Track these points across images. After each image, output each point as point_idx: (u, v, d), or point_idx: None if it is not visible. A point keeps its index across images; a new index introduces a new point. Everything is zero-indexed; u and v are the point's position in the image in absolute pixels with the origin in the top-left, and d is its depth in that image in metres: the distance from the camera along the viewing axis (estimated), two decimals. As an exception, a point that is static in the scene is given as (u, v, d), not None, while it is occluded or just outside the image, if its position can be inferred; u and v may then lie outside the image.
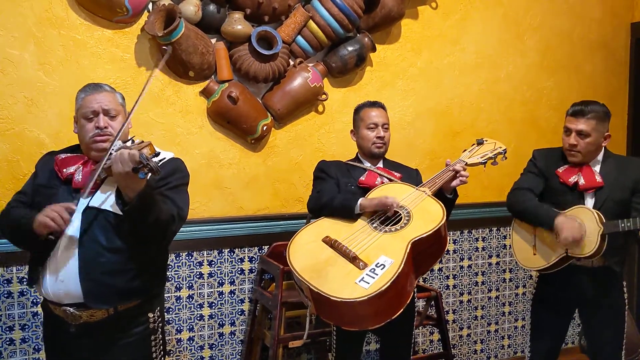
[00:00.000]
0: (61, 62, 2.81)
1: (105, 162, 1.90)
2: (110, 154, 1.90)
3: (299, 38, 3.18)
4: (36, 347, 2.85)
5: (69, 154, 2.10)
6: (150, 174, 1.79)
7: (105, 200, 1.99)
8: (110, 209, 1.98)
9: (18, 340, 2.83)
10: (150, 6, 2.90)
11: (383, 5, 3.32)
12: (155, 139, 2.95)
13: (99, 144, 2.02)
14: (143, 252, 2.03)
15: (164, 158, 2.01)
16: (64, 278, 1.96)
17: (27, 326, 2.82)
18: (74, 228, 1.97)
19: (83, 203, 1.99)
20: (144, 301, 2.09)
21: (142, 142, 1.93)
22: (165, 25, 2.83)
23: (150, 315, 2.11)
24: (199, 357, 3.19)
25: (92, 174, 1.96)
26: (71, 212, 1.91)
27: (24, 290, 2.80)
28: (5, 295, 2.79)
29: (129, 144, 1.91)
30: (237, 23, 3.00)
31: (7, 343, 2.81)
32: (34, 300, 2.84)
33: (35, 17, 2.75)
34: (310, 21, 3.15)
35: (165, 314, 3.08)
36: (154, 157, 1.83)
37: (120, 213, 1.95)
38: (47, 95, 2.80)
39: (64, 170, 2.04)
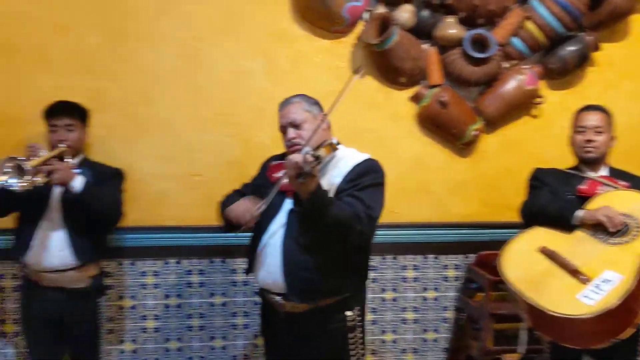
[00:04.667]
0: (285, 71, 3.04)
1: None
2: None
3: (514, 39, 3.06)
4: (256, 333, 3.11)
5: (278, 161, 2.29)
6: (306, 177, 1.87)
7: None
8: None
9: (240, 325, 3.11)
10: (366, 15, 3.01)
11: (609, 1, 3.05)
12: (364, 143, 3.00)
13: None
14: (341, 252, 2.11)
15: (324, 159, 2.06)
16: (270, 270, 2.14)
17: (248, 313, 3.09)
18: (280, 226, 2.15)
19: (288, 204, 2.16)
20: (343, 299, 2.16)
21: (328, 144, 2.03)
22: (380, 33, 2.91)
23: (349, 313, 2.17)
24: (401, 360, 3.22)
25: (283, 175, 2.10)
26: (252, 215, 2.12)
27: (247, 280, 3.08)
28: (232, 284, 3.09)
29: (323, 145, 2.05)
30: (450, 27, 2.98)
31: (232, 327, 3.11)
32: (256, 290, 3.10)
33: (264, 32, 3.01)
34: (527, 21, 3.01)
35: (371, 314, 3.16)
36: (314, 159, 1.89)
37: None
38: (273, 104, 3.00)
39: (274, 175, 2.24)
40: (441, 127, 3.09)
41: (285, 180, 2.06)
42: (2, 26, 2.86)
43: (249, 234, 2.28)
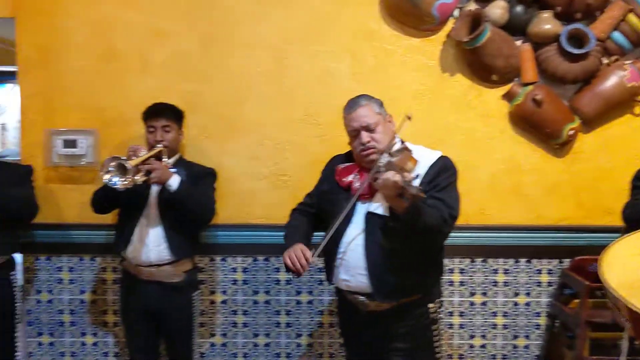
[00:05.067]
0: (372, 71, 3.03)
1: (375, 174, 2.01)
2: (379, 167, 2.00)
3: (615, 34, 2.90)
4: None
5: (346, 164, 2.28)
6: (412, 198, 1.84)
7: (383, 206, 2.12)
8: (388, 214, 2.10)
9: (326, 323, 3.14)
10: (456, 12, 2.96)
11: None
12: (454, 143, 2.99)
13: (366, 158, 2.16)
14: (422, 252, 2.13)
15: (418, 174, 2.03)
16: (355, 273, 2.16)
17: (334, 312, 3.11)
18: (359, 230, 2.16)
19: (365, 208, 2.16)
20: (425, 294, 2.20)
21: (403, 150, 1.98)
22: (471, 30, 2.85)
23: (431, 305, 2.22)
24: (491, 366, 3.14)
25: (361, 184, 2.12)
26: (305, 268, 2.08)
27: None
28: (318, 283, 3.12)
29: (395, 147, 2.02)
30: (545, 22, 2.87)
31: (318, 325, 3.14)
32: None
33: (351, 32, 3.02)
34: (631, 14, 2.85)
35: (459, 317, 3.10)
36: (414, 178, 1.89)
37: None
38: (359, 103, 3.05)
39: (343, 179, 2.23)
40: (535, 127, 2.98)
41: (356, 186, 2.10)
42: (106, 33, 3.04)
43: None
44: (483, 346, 3.13)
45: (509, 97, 3.00)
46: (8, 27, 3.13)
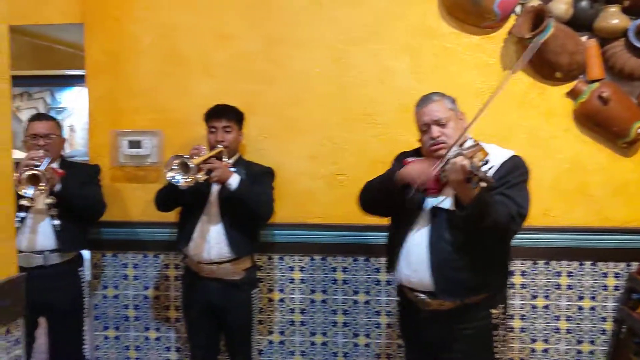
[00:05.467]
0: (432, 69, 3.01)
1: (442, 167, 1.99)
2: (447, 159, 1.97)
3: (688, 27, 2.78)
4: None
5: (415, 158, 2.25)
6: (482, 183, 1.79)
7: (450, 200, 2.09)
8: (454, 209, 2.07)
9: (384, 324, 3.13)
10: (518, 9, 2.90)
11: None
12: (516, 142, 2.92)
13: (436, 153, 2.14)
14: (487, 250, 2.09)
15: (492, 166, 1.99)
16: (417, 268, 2.13)
17: (391, 313, 3.10)
18: (424, 225, 2.14)
19: (432, 202, 2.13)
20: (488, 297, 2.15)
21: (475, 145, 1.94)
22: (533, 27, 2.78)
23: (493, 311, 2.16)
24: (553, 371, 3.05)
25: (427, 176, 2.07)
26: (432, 172, 2.04)
27: (390, 279, 3.09)
28: (375, 283, 3.12)
29: (466, 144, 1.98)
30: (612, 17, 2.78)
31: (375, 326, 3.13)
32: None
33: (410, 30, 3.01)
34: None
35: (520, 320, 3.03)
36: (483, 164, 1.83)
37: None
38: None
39: None
40: (601, 125, 2.88)
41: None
42: (170, 37, 3.14)
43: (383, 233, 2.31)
44: (545, 351, 3.04)
45: (573, 94, 2.92)
46: (77, 33, 3.28)
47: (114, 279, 3.26)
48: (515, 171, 2.10)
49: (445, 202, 2.11)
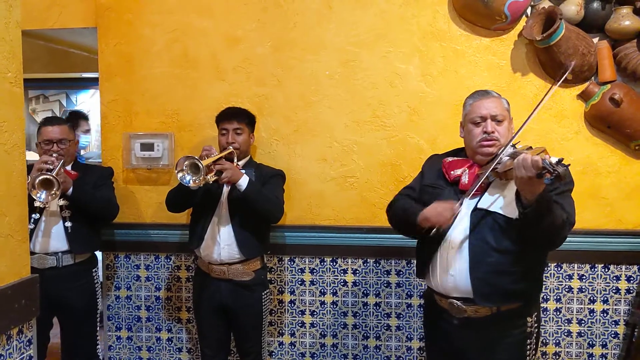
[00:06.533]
0: (441, 72, 3.01)
1: (495, 166, 1.94)
2: (500, 158, 1.93)
3: (702, 28, 2.75)
4: (409, 335, 3.11)
5: (455, 158, 2.20)
6: (555, 180, 1.73)
7: (494, 202, 2.03)
8: (500, 211, 2.01)
9: (394, 327, 3.13)
10: (528, 11, 2.88)
11: None
12: (527, 144, 2.90)
13: (486, 149, 2.08)
14: (528, 256, 2.03)
15: (561, 160, 1.90)
16: (454, 273, 2.07)
17: (402, 315, 3.10)
18: (463, 227, 2.07)
19: (470, 204, 2.07)
20: (524, 305, 2.08)
21: (531, 148, 1.91)
22: (544, 29, 2.77)
23: (529, 319, 2.10)
24: (564, 375, 3.03)
25: (478, 177, 2.04)
26: (454, 214, 2.00)
27: (401, 282, 3.09)
28: (385, 285, 3.12)
29: (519, 147, 1.91)
30: (624, 19, 2.75)
31: (385, 328, 3.14)
32: (409, 293, 3.11)
33: (420, 32, 3.01)
34: None
35: (531, 323, 3.01)
36: (558, 162, 1.75)
37: (510, 216, 1.97)
38: (427, 105, 3.03)
39: (452, 172, 2.15)
40: (613, 127, 2.86)
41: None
42: (182, 41, 3.17)
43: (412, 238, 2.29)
44: (557, 354, 3.03)
45: (584, 96, 2.90)
46: (91, 37, 3.33)
47: (127, 280, 3.30)
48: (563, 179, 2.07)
49: (495, 204, 2.03)
